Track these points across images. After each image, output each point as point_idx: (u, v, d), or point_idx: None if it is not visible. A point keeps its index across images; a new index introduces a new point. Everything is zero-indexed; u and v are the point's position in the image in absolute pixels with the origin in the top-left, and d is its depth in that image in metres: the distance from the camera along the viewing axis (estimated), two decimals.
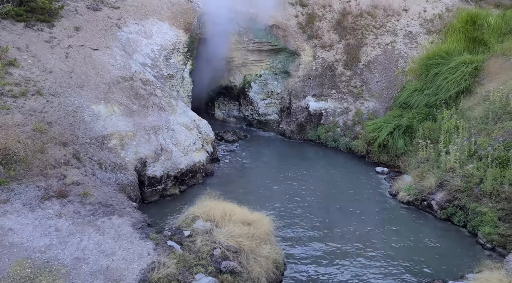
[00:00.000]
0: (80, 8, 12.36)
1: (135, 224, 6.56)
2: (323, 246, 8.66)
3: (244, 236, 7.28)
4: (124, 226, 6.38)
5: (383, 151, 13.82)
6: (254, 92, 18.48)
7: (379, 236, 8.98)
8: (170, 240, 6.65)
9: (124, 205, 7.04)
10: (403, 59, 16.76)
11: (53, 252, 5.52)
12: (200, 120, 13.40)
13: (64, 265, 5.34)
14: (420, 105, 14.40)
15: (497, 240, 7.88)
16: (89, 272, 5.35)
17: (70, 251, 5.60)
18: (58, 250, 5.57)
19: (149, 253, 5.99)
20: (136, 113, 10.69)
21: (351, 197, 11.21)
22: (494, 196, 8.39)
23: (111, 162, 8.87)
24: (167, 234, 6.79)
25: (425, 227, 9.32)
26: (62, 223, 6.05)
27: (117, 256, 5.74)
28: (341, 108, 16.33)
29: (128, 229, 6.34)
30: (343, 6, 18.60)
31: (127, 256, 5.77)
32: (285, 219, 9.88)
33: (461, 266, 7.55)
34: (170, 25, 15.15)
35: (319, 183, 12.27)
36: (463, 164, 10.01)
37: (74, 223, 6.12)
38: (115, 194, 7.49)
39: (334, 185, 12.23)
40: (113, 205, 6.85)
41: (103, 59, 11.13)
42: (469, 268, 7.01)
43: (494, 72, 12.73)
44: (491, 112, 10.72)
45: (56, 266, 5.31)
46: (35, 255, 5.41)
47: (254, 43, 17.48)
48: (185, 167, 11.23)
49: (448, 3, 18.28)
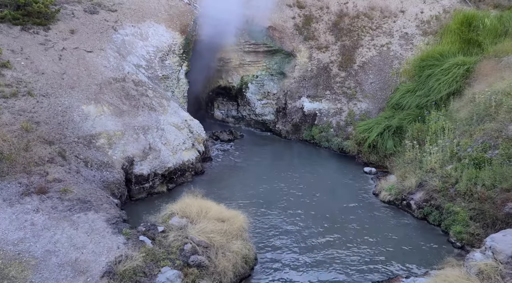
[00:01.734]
0: (77, 12, 12.84)
1: (109, 220, 6.93)
2: (298, 242, 8.93)
3: (216, 232, 7.59)
4: (98, 221, 6.75)
5: (372, 151, 13.96)
6: (251, 93, 18.78)
7: (354, 233, 9.20)
8: (143, 235, 7.00)
9: (102, 201, 7.42)
10: (398, 60, 16.80)
11: (25, 244, 5.93)
12: (192, 120, 13.75)
13: (35, 257, 5.74)
14: (411, 107, 14.46)
15: (466, 239, 8.04)
16: (57, 264, 5.73)
17: (42, 244, 6.00)
18: (30, 243, 5.99)
19: (119, 247, 6.35)
20: (126, 113, 11.10)
21: (335, 196, 11.42)
22: (468, 196, 8.52)
23: (98, 160, 9.28)
24: (141, 229, 7.15)
25: (401, 225, 9.50)
26: (38, 217, 6.46)
27: (87, 249, 6.12)
28: (334, 109, 16.49)
29: (102, 224, 6.71)
30: (340, 8, 18.72)
31: (96, 249, 6.14)
32: (264, 216, 10.16)
33: (428, 263, 7.74)
34: (166, 27, 15.54)
35: (305, 182, 12.49)
36: (444, 165, 10.11)
37: (50, 218, 6.53)
38: (96, 191, 7.89)
39: (320, 184, 12.44)
40: (91, 201, 7.24)
41: (96, 61, 11.57)
42: (436, 265, 7.18)
43: (484, 74, 12.71)
44: (475, 114, 10.77)
45: (27, 257, 5.71)
46: (8, 247, 5.82)
47: (250, 44, 17.76)
48: (173, 165, 11.60)
49: (446, 4, 18.21)
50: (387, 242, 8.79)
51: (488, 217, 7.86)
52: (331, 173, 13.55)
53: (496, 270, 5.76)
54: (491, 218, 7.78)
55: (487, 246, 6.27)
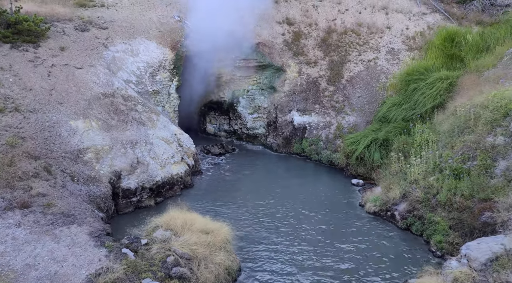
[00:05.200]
0: (68, 29, 13.14)
1: (92, 233, 7.00)
2: (283, 253, 9.03)
3: (200, 244, 7.67)
4: (81, 234, 6.82)
5: (360, 163, 14.14)
6: (242, 107, 19.03)
7: (338, 245, 9.30)
8: (126, 248, 7.07)
9: (86, 215, 7.50)
10: (385, 75, 17.17)
11: (5, 259, 5.98)
12: (181, 134, 13.93)
13: (14, 270, 5.79)
14: (398, 120, 14.73)
15: (446, 248, 8.17)
16: (36, 278, 5.78)
17: (22, 258, 6.05)
18: (10, 257, 6.04)
19: (100, 260, 6.41)
20: (114, 128, 11.26)
21: (321, 208, 11.53)
22: (447, 206, 8.68)
23: (85, 175, 9.39)
24: (124, 242, 7.22)
25: (385, 236, 9.62)
26: (20, 232, 6.53)
27: (67, 262, 6.17)
28: (323, 122, 16.74)
29: (85, 237, 6.78)
30: (329, 24, 19.19)
31: (77, 263, 6.20)
32: (251, 228, 10.24)
33: (409, 272, 7.84)
34: (157, 44, 15.86)
35: (294, 195, 12.60)
36: (427, 176, 10.29)
37: (31, 232, 6.60)
38: (81, 205, 7.97)
39: (308, 197, 12.55)
40: (75, 215, 7.32)
41: (85, 77, 11.79)
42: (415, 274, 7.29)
43: (465, 87, 13.03)
44: (456, 127, 11.01)
45: (6, 271, 5.76)
46: None
47: (241, 60, 18.09)
48: (161, 179, 11.71)
49: (430, 21, 18.74)
50: (370, 253, 8.89)
51: (466, 226, 8.01)
52: (320, 185, 13.69)
53: (470, 277, 5.87)
54: (469, 227, 7.92)
55: (462, 254, 6.40)
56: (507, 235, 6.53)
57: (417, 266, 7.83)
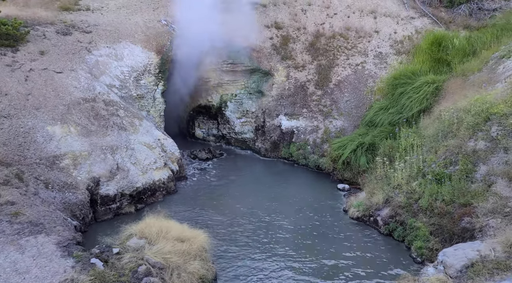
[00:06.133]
0: (49, 33, 12.95)
1: (61, 242, 6.79)
2: (263, 260, 8.85)
3: (174, 253, 7.47)
4: (48, 244, 6.61)
5: (347, 168, 14.01)
6: (230, 111, 18.87)
7: (319, 251, 9.15)
8: (96, 257, 6.86)
9: (56, 224, 7.29)
10: (373, 79, 17.09)
11: None
12: (165, 139, 13.73)
13: None
14: (384, 124, 14.63)
15: (426, 254, 8.03)
16: None
17: None
18: None
19: (66, 271, 6.20)
20: (94, 133, 11.06)
21: (306, 214, 11.37)
22: (429, 211, 8.55)
23: (60, 181, 9.18)
24: (94, 251, 7.00)
25: (367, 242, 9.46)
26: None
27: (30, 274, 5.97)
28: (311, 126, 16.61)
29: (51, 247, 6.57)
30: (317, 29, 19.11)
31: (40, 274, 5.99)
32: (232, 235, 10.04)
33: (387, 279, 7.68)
34: (142, 48, 15.71)
35: (279, 201, 12.43)
36: (410, 181, 10.16)
37: None
38: (53, 213, 7.76)
39: (294, 202, 12.38)
40: (44, 224, 7.11)
41: (65, 82, 11.60)
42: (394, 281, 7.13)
43: (451, 92, 12.97)
44: (440, 131, 10.91)
45: None
46: None
47: (228, 64, 17.96)
48: (142, 185, 11.50)
49: (418, 25, 18.73)
50: (351, 259, 8.72)
51: (445, 231, 7.87)
52: (306, 190, 13.53)
53: None
54: (448, 232, 7.78)
55: (439, 260, 6.26)
56: (484, 241, 6.39)
57: (396, 273, 7.66)
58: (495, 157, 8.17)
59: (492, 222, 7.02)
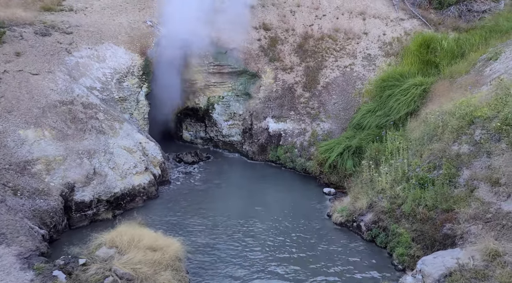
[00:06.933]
0: (27, 34, 12.61)
1: (22, 254, 6.46)
2: (243, 268, 8.55)
3: (144, 263, 7.15)
4: (7, 256, 6.28)
5: (333, 171, 13.76)
6: (217, 114, 18.58)
7: (299, 257, 8.85)
8: (60, 269, 6.52)
9: (19, 234, 6.95)
10: (361, 81, 16.88)
11: None
12: (147, 142, 13.40)
13: None
14: (372, 126, 14.41)
15: (407, 261, 7.76)
16: None
17: None
18: None
19: None
20: (70, 137, 10.72)
21: (289, 219, 11.07)
22: (411, 216, 8.29)
23: (31, 188, 8.83)
24: (58, 263, 6.67)
25: (349, 248, 9.17)
26: None
27: None
28: (299, 129, 16.36)
29: (11, 259, 6.23)
30: (306, 30, 18.88)
31: None
32: (212, 241, 9.73)
33: None
34: (126, 49, 15.37)
35: (263, 206, 12.13)
36: (394, 186, 9.91)
37: None
38: (18, 221, 7.41)
39: (278, 207, 12.08)
40: (5, 234, 6.77)
41: (41, 84, 11.26)
42: None
43: (438, 94, 12.76)
44: (426, 134, 10.68)
45: None
46: None
47: (215, 66, 17.67)
48: (121, 190, 11.16)
49: (407, 27, 18.56)
50: (331, 267, 8.43)
51: (427, 238, 7.61)
52: (291, 195, 13.24)
53: None
54: (430, 239, 7.52)
55: (417, 269, 6.01)
56: (464, 248, 6.14)
57: (376, 281, 7.38)
58: (478, 161, 7.94)
59: (473, 228, 6.78)
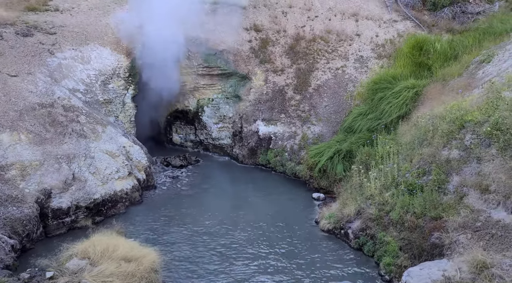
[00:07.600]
0: (7, 34, 12.23)
1: None
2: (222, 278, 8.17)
3: (117, 275, 6.77)
4: None
5: (323, 176, 13.42)
6: (207, 117, 18.22)
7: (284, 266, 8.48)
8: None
9: None
10: (353, 83, 16.56)
11: None
12: (131, 146, 13.02)
13: None
14: (363, 130, 14.08)
15: (394, 271, 7.40)
16: None
17: None
18: None
19: None
20: (48, 141, 10.33)
21: (274, 225, 10.73)
22: (399, 224, 7.94)
23: (3, 194, 8.46)
24: (23, 276, 6.30)
25: (336, 257, 8.81)
26: None
27: None
28: (289, 132, 16.02)
29: None
30: (297, 31, 18.56)
31: None
32: (192, 250, 9.34)
33: None
34: (111, 50, 15.02)
35: (250, 212, 11.77)
36: (383, 192, 9.56)
37: None
38: None
39: (265, 213, 11.72)
40: None
41: (20, 86, 10.88)
42: None
43: (430, 97, 12.46)
44: (416, 138, 10.36)
45: None
46: None
47: (204, 67, 17.33)
48: (101, 196, 10.77)
49: (400, 28, 18.28)
50: (316, 278, 8.06)
51: (415, 247, 7.26)
52: (280, 200, 12.88)
53: None
54: (418, 248, 7.18)
55: (403, 281, 5.66)
56: (451, 260, 5.80)
57: None
58: (468, 167, 7.61)
59: (462, 238, 6.45)
